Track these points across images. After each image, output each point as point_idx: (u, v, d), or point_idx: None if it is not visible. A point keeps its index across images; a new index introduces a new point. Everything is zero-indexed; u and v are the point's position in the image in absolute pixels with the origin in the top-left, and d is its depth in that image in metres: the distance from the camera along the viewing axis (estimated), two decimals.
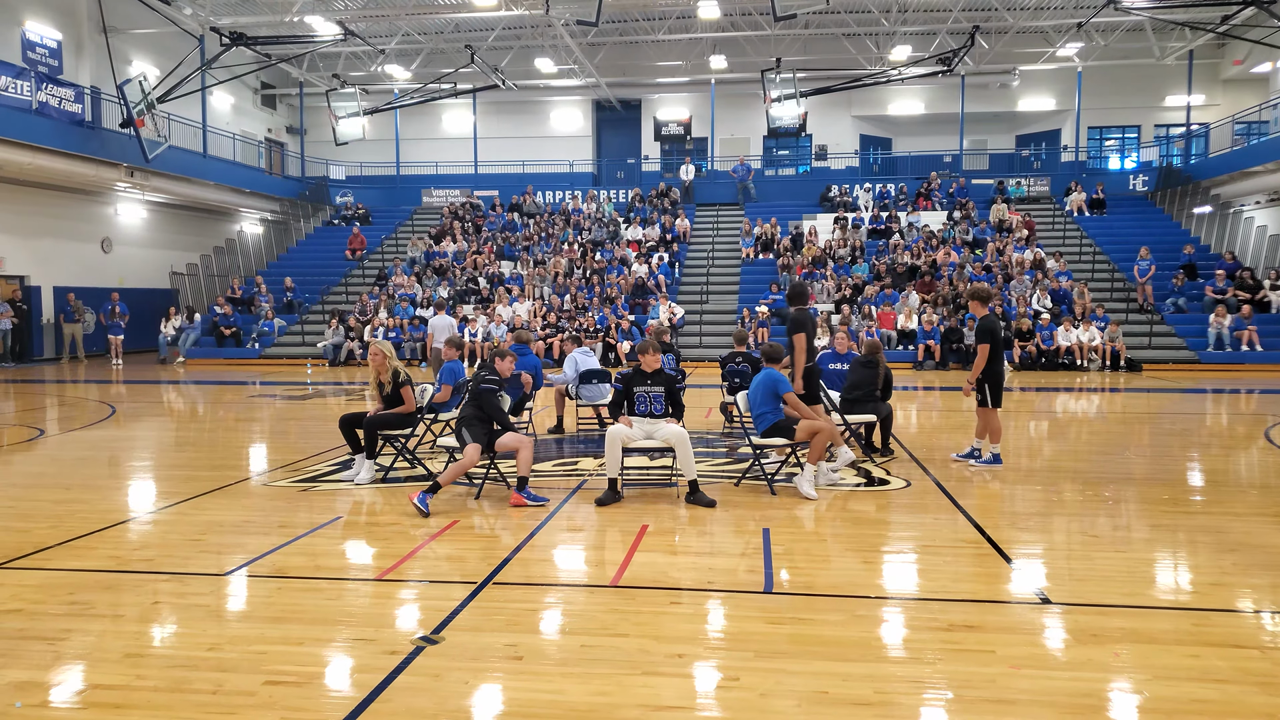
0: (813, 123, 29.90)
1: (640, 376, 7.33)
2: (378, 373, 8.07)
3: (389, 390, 8.02)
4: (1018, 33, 28.23)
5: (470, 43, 26.81)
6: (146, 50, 26.37)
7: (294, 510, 6.93)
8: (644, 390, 7.30)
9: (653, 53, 30.96)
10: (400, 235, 29.74)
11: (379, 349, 8.06)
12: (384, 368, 8.02)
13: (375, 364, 8.07)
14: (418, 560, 5.63)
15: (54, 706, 3.62)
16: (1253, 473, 8.84)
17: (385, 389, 8.04)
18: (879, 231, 26.68)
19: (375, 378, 8.09)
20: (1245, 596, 4.92)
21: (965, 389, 8.72)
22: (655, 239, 27.10)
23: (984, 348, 8.38)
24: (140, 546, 5.99)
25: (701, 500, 6.93)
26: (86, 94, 22.13)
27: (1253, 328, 20.09)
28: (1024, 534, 6.20)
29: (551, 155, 33.41)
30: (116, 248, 26.09)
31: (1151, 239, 24.52)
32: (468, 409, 7.35)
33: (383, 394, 8.06)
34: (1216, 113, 30.30)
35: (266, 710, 3.54)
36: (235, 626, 4.51)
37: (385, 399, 8.06)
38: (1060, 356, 19.85)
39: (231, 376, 19.51)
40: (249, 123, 32.22)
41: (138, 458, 9.83)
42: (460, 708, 3.57)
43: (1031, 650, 4.14)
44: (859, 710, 3.54)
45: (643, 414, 7.36)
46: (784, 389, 7.46)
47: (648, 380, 7.30)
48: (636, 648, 4.16)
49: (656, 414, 7.37)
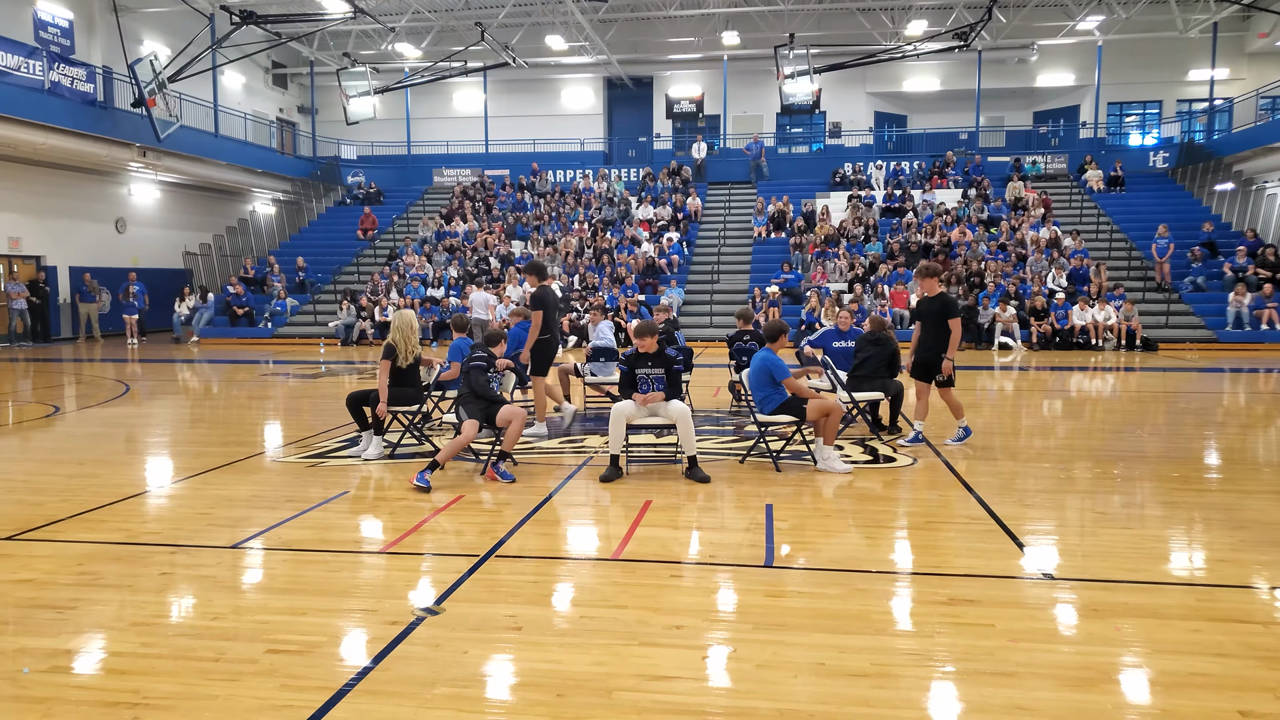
0: (826, 99, 29.61)
1: (641, 358, 7.33)
2: (406, 341, 7.87)
3: (408, 363, 7.94)
4: (1036, 5, 27.82)
5: (481, 20, 26.68)
6: (157, 29, 26.39)
7: (303, 485, 6.99)
8: (644, 372, 7.30)
9: (664, 29, 30.71)
10: (411, 215, 29.76)
11: (410, 320, 7.97)
12: (413, 338, 7.93)
13: (407, 333, 7.90)
14: (422, 534, 5.66)
15: (59, 671, 3.67)
16: (1269, 451, 8.76)
17: (407, 360, 7.91)
18: (893, 210, 26.47)
19: (405, 347, 7.87)
20: (1252, 573, 4.88)
21: (945, 368, 8.45)
22: (666, 218, 27.00)
23: (956, 321, 8.17)
24: (151, 520, 6.06)
25: (698, 476, 6.97)
26: (98, 74, 22.18)
27: (1273, 306, 19.84)
28: (1031, 511, 6.17)
29: (562, 133, 33.28)
30: (130, 228, 26.24)
31: (1171, 216, 24.21)
32: (463, 387, 7.41)
33: (396, 364, 7.91)
34: (1241, 87, 29.79)
35: (267, 677, 3.58)
36: (241, 597, 4.56)
37: (398, 373, 8.00)
38: (1075, 336, 19.68)
39: (244, 355, 19.64)
40: (260, 102, 32.24)
41: (151, 434, 9.92)
42: (457, 676, 3.60)
43: (1032, 624, 4.13)
44: (855, 681, 3.54)
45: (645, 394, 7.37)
46: (780, 375, 7.44)
47: (648, 362, 7.30)
48: (636, 619, 4.18)
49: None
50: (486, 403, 7.27)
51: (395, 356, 7.84)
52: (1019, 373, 15.94)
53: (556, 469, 7.51)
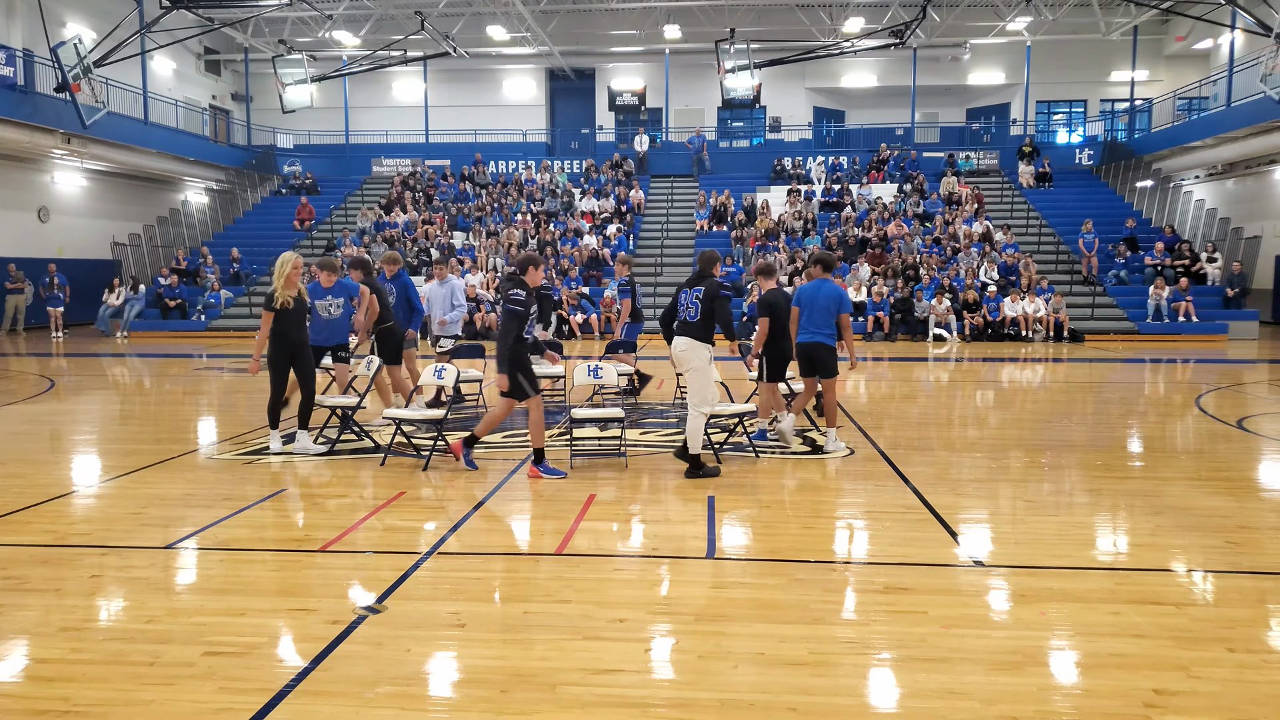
0: (767, 94, 29.88)
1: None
2: (284, 282, 7.49)
3: (291, 307, 7.51)
4: (968, 6, 28.45)
5: (420, 9, 26.25)
6: (82, 11, 25.42)
7: (239, 483, 6.86)
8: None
9: (607, 21, 30.64)
10: (350, 205, 29.22)
11: (283, 260, 7.55)
12: (294, 276, 7.56)
13: (281, 273, 7.51)
14: (362, 531, 5.61)
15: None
16: (1185, 439, 9.16)
17: (284, 303, 7.47)
18: (831, 204, 26.86)
19: (280, 288, 7.48)
20: (1169, 556, 5.12)
21: (748, 361, 8.49)
22: (610, 210, 27.00)
23: (764, 321, 8.19)
24: (79, 521, 5.89)
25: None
26: (19, 56, 21.28)
27: (1189, 299, 20.68)
28: (962, 500, 6.36)
29: (504, 124, 33.00)
30: (54, 217, 25.27)
31: (1096, 212, 25.06)
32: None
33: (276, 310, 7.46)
34: (1159, 88, 30.91)
35: (204, 680, 3.53)
36: (176, 599, 4.48)
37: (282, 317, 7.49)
38: (1006, 327, 20.26)
39: (176, 349, 19.11)
40: (192, 89, 31.31)
41: (78, 432, 9.61)
42: (400, 675, 3.59)
43: (963, 611, 4.28)
44: (794, 670, 3.63)
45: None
46: (846, 307, 7.90)
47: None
48: (579, 613, 4.21)
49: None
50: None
51: (273, 303, 7.51)
52: (953, 364, 16.35)
53: (500, 463, 7.49)
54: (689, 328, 7.07)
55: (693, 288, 7.14)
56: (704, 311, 7.04)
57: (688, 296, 7.14)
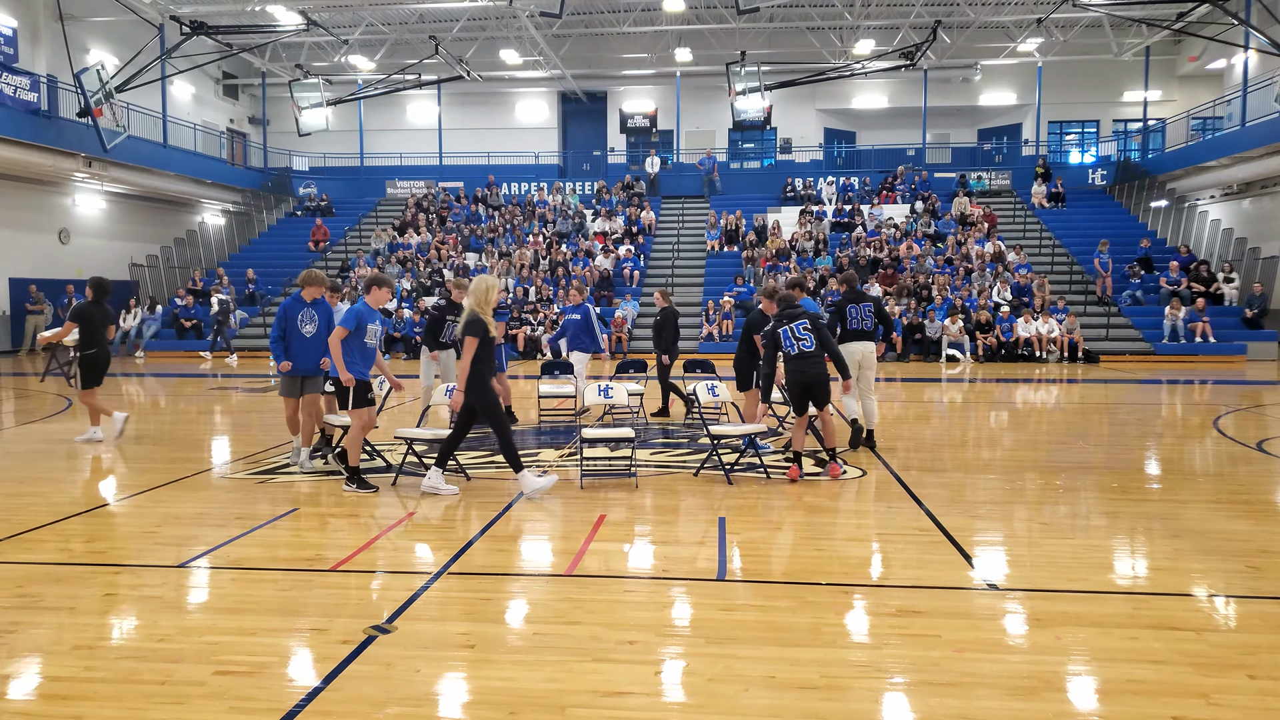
0: (777, 116, 30.02)
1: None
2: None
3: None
4: (979, 27, 28.55)
5: (435, 33, 26.62)
6: (105, 39, 25.86)
7: (251, 502, 6.88)
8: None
9: (618, 45, 30.90)
10: (364, 227, 29.47)
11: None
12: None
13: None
14: (374, 551, 5.62)
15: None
16: (1204, 461, 9.06)
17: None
18: (842, 224, 26.88)
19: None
20: (1187, 581, 5.05)
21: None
22: (621, 231, 27.10)
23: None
24: (93, 539, 5.92)
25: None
26: (43, 82, 21.65)
27: (1206, 320, 20.53)
28: (976, 522, 6.31)
29: (517, 147, 33.27)
30: (75, 238, 25.59)
31: (1110, 232, 24.97)
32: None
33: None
34: (1172, 108, 30.87)
35: (215, 700, 3.53)
36: (188, 618, 4.48)
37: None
38: (1020, 348, 20.16)
39: (192, 369, 19.24)
40: (210, 113, 31.72)
41: (95, 450, 9.67)
42: (410, 695, 3.58)
43: (976, 634, 4.23)
44: (805, 694, 3.60)
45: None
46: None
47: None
48: (589, 635, 4.19)
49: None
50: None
51: (487, 330, 6.90)
52: (967, 384, 16.27)
53: (510, 484, 7.49)
54: (869, 336, 8.87)
55: (861, 303, 8.79)
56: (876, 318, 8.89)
57: (859, 310, 8.73)
